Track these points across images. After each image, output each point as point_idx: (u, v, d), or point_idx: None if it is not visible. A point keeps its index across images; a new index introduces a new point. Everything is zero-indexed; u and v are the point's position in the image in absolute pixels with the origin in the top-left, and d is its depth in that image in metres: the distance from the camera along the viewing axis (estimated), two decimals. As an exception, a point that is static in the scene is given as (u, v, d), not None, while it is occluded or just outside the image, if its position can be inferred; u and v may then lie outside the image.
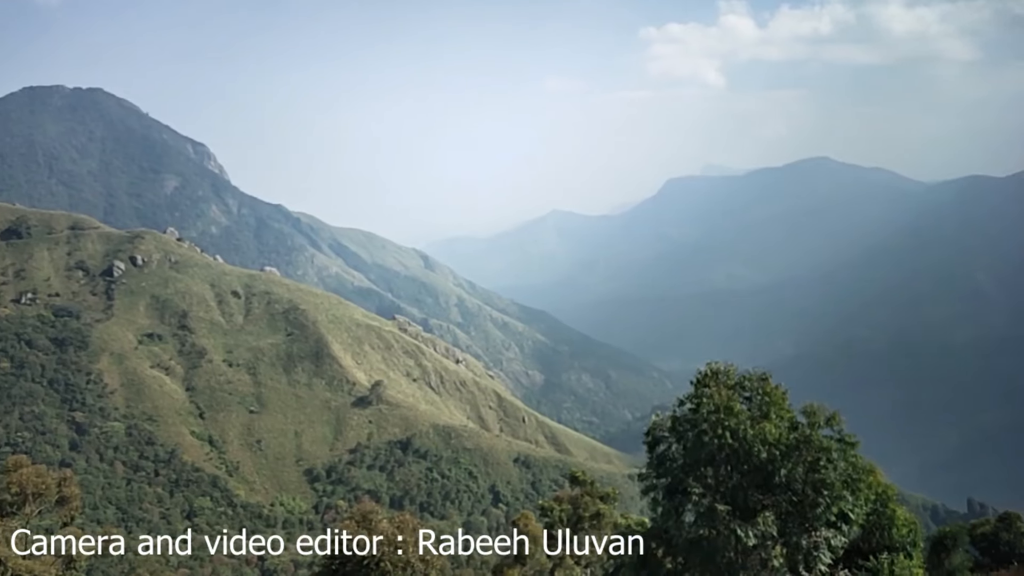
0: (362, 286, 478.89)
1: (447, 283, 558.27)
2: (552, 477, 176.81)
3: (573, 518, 43.72)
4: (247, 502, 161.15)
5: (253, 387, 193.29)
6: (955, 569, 37.72)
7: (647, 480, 21.03)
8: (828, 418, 18.94)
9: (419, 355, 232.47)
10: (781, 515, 18.54)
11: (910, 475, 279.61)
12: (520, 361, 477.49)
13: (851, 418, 20.61)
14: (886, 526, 20.32)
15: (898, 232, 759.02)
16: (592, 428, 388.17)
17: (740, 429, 18.48)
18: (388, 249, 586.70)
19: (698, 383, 20.33)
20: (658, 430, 20.98)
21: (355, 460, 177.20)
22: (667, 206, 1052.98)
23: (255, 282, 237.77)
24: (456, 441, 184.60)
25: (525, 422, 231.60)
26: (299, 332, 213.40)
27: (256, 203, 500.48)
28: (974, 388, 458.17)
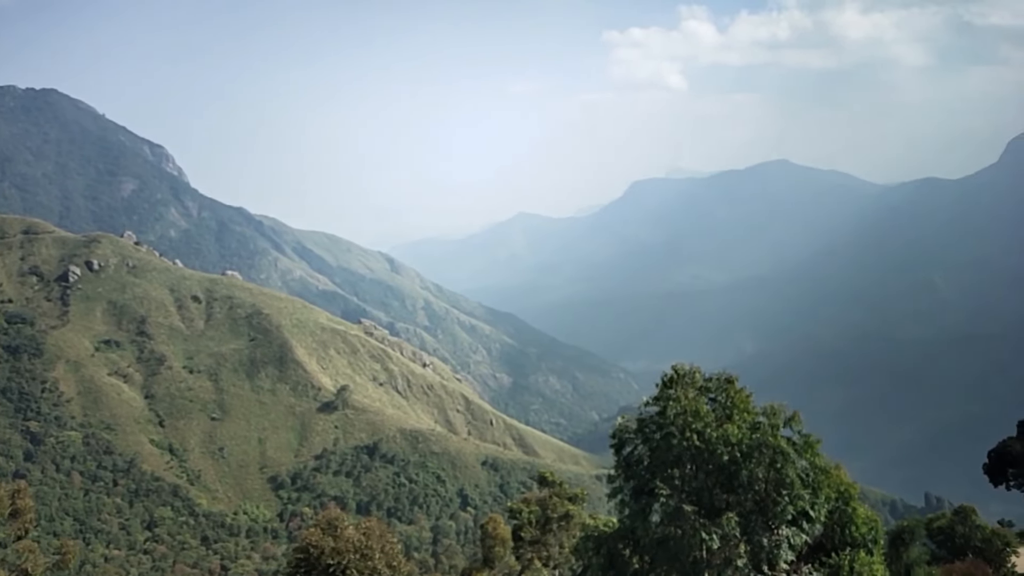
0: (327, 290, 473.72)
1: (414, 286, 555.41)
2: (520, 479, 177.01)
3: (542, 519, 43.77)
4: (209, 511, 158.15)
5: (215, 394, 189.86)
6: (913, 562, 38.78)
7: (615, 482, 21.17)
8: (788, 418, 19.30)
9: (386, 359, 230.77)
10: (744, 514, 18.85)
11: (868, 470, 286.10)
12: (488, 364, 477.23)
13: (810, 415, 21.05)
14: (847, 523, 20.78)
15: (855, 232, 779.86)
16: (560, 430, 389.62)
17: (706, 431, 18.74)
18: (353, 252, 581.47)
19: (664, 385, 20.54)
20: (624, 432, 21.13)
21: (321, 466, 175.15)
22: (632, 208, 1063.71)
23: (216, 286, 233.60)
24: (424, 445, 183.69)
25: (493, 425, 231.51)
26: (262, 337, 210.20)
27: (217, 206, 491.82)
28: (929, 384, 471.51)
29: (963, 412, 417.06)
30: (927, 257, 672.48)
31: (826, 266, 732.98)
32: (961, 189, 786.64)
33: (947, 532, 47.92)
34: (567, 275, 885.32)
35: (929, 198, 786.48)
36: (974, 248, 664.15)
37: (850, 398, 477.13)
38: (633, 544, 20.35)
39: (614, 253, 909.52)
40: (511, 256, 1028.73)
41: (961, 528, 47.17)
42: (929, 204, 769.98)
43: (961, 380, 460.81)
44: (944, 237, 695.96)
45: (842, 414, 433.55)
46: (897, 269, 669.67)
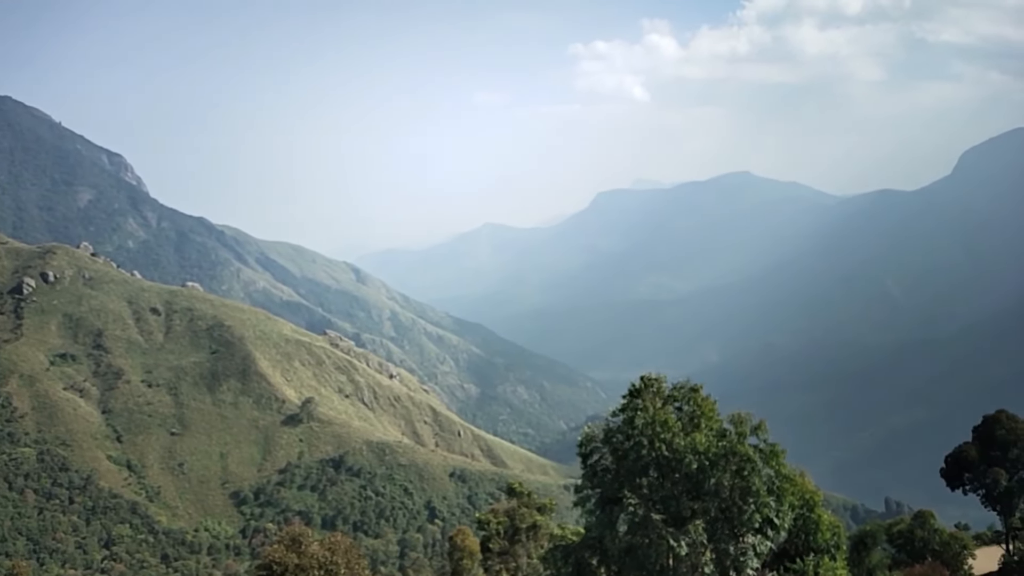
0: (291, 300, 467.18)
1: (380, 296, 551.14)
2: (488, 490, 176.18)
3: (510, 530, 43.65)
4: (169, 528, 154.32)
5: (174, 408, 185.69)
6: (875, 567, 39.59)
7: (582, 491, 21.23)
8: (755, 427, 19.59)
9: (351, 370, 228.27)
10: (711, 522, 19.05)
11: (828, 474, 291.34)
12: (455, 374, 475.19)
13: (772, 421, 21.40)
14: (812, 530, 21.13)
15: (813, 242, 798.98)
16: (528, 440, 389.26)
17: (673, 441, 18.92)
18: (318, 262, 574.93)
19: (631, 395, 20.70)
20: (591, 441, 21.24)
21: (285, 480, 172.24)
22: (597, 218, 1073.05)
23: (176, 298, 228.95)
24: (390, 457, 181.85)
25: (461, 436, 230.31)
26: (224, 349, 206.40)
27: (177, 216, 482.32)
28: (885, 389, 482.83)
29: (917, 416, 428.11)
30: (882, 266, 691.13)
31: (785, 275, 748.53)
32: (915, 200, 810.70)
33: (907, 536, 49.07)
34: (534, 285, 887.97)
35: (884, 209, 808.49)
36: (926, 257, 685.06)
37: (810, 404, 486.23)
38: (600, 553, 20.41)
39: (580, 263, 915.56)
40: (478, 266, 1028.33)
41: (920, 532, 48.35)
42: (884, 215, 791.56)
43: (915, 385, 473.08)
44: (898, 247, 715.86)
45: (802, 419, 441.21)
46: (854, 278, 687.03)
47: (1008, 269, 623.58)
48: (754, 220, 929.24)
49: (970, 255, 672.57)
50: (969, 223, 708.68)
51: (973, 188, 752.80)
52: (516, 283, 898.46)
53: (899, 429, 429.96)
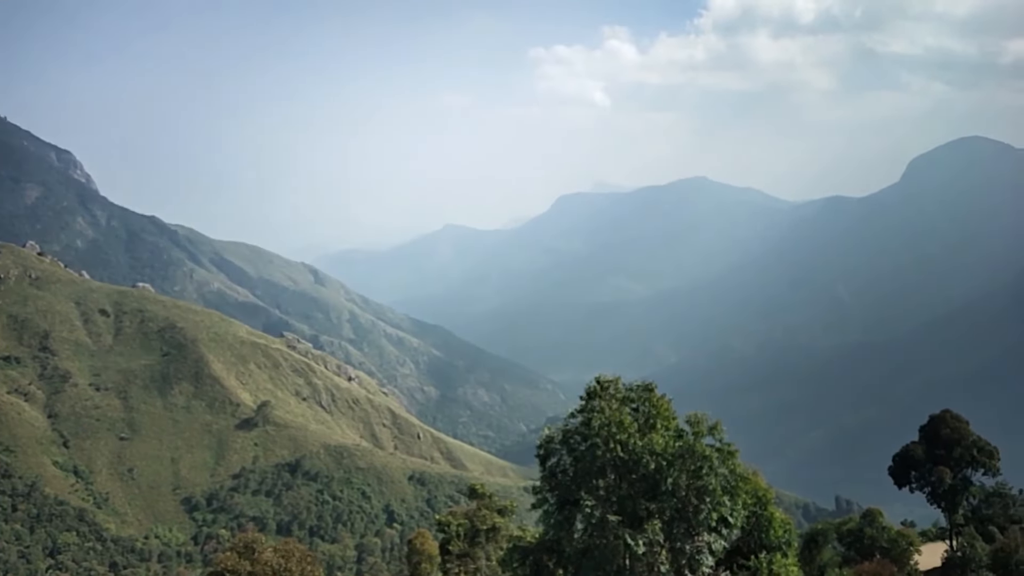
0: (247, 302, 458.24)
1: (339, 298, 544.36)
2: (448, 493, 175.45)
3: (470, 532, 43.46)
4: (118, 535, 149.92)
5: (124, 412, 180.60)
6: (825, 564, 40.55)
7: (540, 493, 21.24)
8: (711, 427, 19.88)
9: (309, 373, 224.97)
10: (667, 521, 19.26)
11: (780, 473, 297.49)
12: (415, 377, 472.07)
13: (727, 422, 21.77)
14: (765, 527, 21.52)
15: (767, 247, 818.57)
16: (488, 442, 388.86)
17: (630, 442, 19.07)
18: (275, 263, 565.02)
19: (588, 396, 20.80)
20: (549, 443, 21.28)
21: (239, 486, 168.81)
22: (558, 221, 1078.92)
23: (126, 299, 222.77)
24: (348, 461, 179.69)
25: (420, 438, 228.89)
26: (176, 352, 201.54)
27: (127, 215, 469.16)
28: (835, 390, 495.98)
29: (866, 416, 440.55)
30: (832, 270, 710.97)
31: (741, 278, 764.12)
32: (864, 207, 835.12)
33: (856, 534, 50.37)
34: (495, 287, 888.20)
35: (835, 215, 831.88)
36: (875, 262, 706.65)
37: (763, 405, 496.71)
38: (558, 554, 20.46)
39: (541, 265, 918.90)
40: (439, 268, 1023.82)
41: (869, 530, 49.66)
42: (835, 220, 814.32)
43: (864, 386, 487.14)
44: (848, 251, 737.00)
45: (756, 420, 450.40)
46: (805, 281, 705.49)
47: (951, 274, 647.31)
48: (711, 224, 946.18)
49: (915, 260, 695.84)
50: (915, 229, 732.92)
51: (920, 195, 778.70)
52: (477, 285, 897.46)
53: (849, 429, 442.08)
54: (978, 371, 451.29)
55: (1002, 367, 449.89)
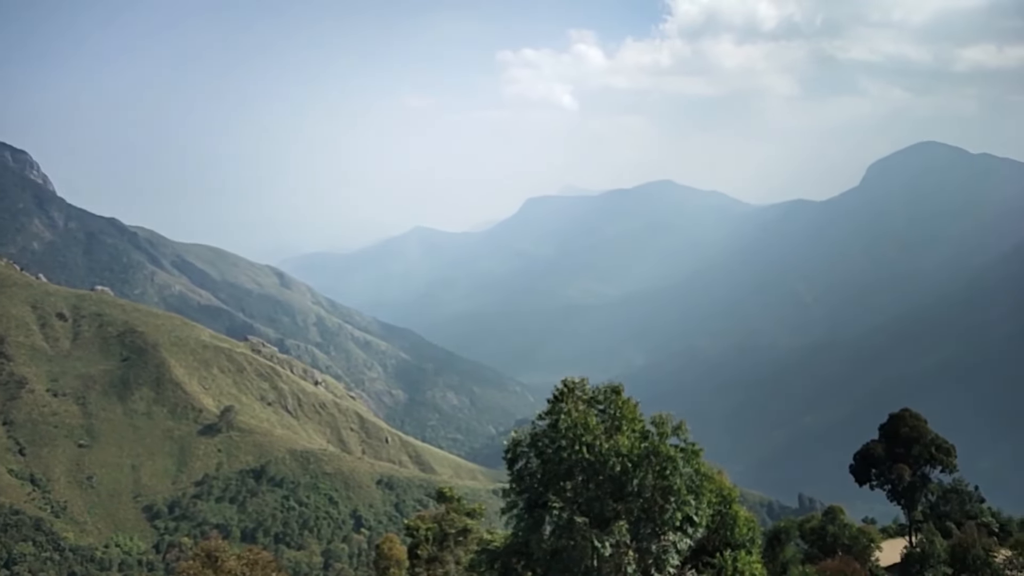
0: (210, 305, 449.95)
1: (305, 301, 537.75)
2: (416, 497, 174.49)
3: (439, 536, 43.23)
4: (77, 545, 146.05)
5: (82, 418, 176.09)
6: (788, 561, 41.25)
7: (508, 496, 21.26)
8: (675, 427, 20.11)
9: (274, 377, 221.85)
10: (633, 522, 19.41)
11: (745, 472, 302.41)
12: (383, 380, 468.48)
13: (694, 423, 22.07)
14: (729, 526, 21.84)
15: (732, 249, 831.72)
16: (457, 445, 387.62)
17: (596, 443, 19.19)
18: (240, 266, 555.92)
19: (555, 399, 20.89)
20: (517, 446, 21.30)
21: (202, 493, 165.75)
22: (527, 224, 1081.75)
23: (85, 303, 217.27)
24: (315, 466, 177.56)
25: (388, 442, 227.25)
26: (136, 356, 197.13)
27: (86, 216, 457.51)
28: (798, 390, 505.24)
29: (828, 415, 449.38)
30: (794, 272, 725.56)
31: (707, 280, 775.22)
32: (826, 210, 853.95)
33: (818, 532, 51.33)
34: (463, 289, 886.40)
35: (797, 218, 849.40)
36: (835, 263, 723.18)
37: (729, 405, 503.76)
38: (527, 557, 20.49)
39: (509, 268, 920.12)
40: (407, 270, 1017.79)
41: (831, 528, 50.66)
42: (797, 223, 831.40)
43: (825, 385, 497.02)
44: (810, 254, 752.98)
45: (722, 420, 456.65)
46: (769, 283, 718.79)
47: (908, 275, 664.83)
48: (677, 227, 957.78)
49: (873, 262, 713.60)
50: (874, 232, 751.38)
51: (878, 199, 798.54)
52: (445, 288, 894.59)
53: (811, 428, 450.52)
54: (934, 370, 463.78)
55: (957, 366, 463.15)
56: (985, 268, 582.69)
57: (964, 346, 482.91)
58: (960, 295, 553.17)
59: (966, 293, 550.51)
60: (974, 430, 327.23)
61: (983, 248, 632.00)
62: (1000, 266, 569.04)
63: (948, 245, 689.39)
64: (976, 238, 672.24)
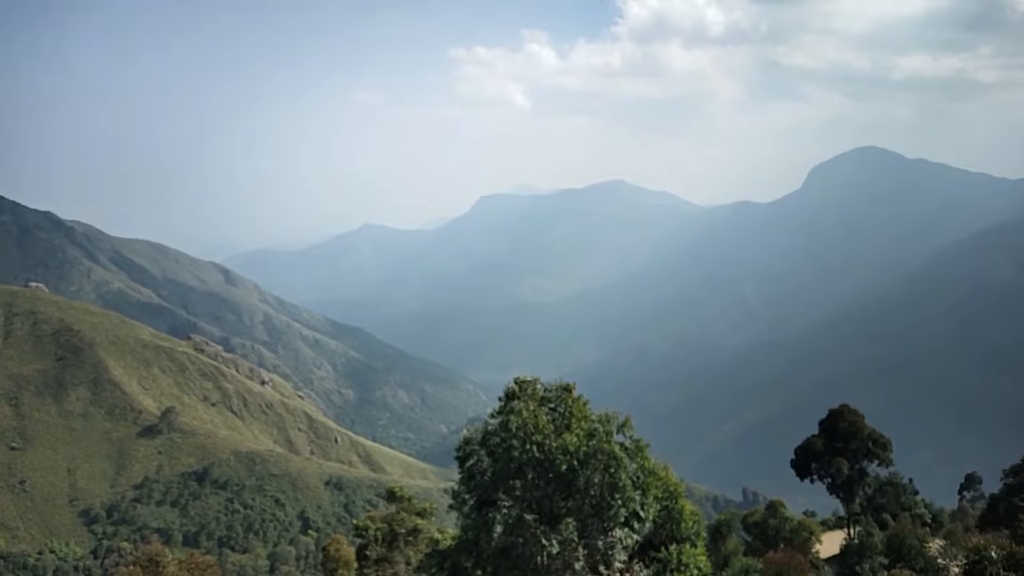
0: (151, 303, 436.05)
1: (251, 299, 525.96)
2: (366, 497, 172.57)
3: (389, 536, 42.83)
4: (8, 551, 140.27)
5: (15, 420, 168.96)
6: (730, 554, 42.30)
7: (459, 495, 21.23)
8: (621, 425, 20.39)
9: (219, 377, 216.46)
10: (582, 519, 19.63)
11: (691, 467, 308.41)
12: (332, 379, 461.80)
13: (643, 419, 22.45)
14: (675, 520, 22.28)
15: (680, 249, 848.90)
16: (408, 444, 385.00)
17: (546, 442, 19.33)
18: (182, 262, 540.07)
19: (507, 397, 20.95)
20: (469, 444, 21.29)
21: (142, 496, 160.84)
22: (479, 222, 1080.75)
23: (17, 300, 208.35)
24: (261, 467, 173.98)
25: (338, 442, 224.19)
26: (72, 356, 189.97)
27: (19, 209, 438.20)
28: (742, 386, 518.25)
29: (771, 411, 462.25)
30: (739, 272, 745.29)
31: (656, 279, 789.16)
32: (769, 212, 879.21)
33: (761, 525, 52.76)
34: (415, 287, 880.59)
35: (743, 219, 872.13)
36: (777, 263, 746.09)
37: (676, 401, 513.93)
38: (476, 555, 20.50)
39: (462, 266, 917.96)
40: (357, 268, 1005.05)
41: (773, 521, 52.12)
42: (743, 225, 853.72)
43: (768, 382, 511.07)
44: (754, 254, 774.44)
45: (670, 416, 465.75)
46: (715, 282, 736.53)
47: (846, 275, 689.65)
48: (627, 227, 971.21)
49: (814, 262, 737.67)
50: (814, 233, 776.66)
51: (819, 201, 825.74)
52: (396, 285, 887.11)
53: (755, 423, 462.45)
54: (871, 366, 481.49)
55: (892, 363, 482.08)
56: (919, 269, 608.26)
57: (899, 343, 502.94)
58: (895, 295, 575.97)
59: (901, 293, 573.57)
60: (907, 424, 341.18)
61: (917, 250, 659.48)
62: (933, 267, 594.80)
63: (884, 246, 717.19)
64: (911, 240, 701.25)
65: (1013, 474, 56.35)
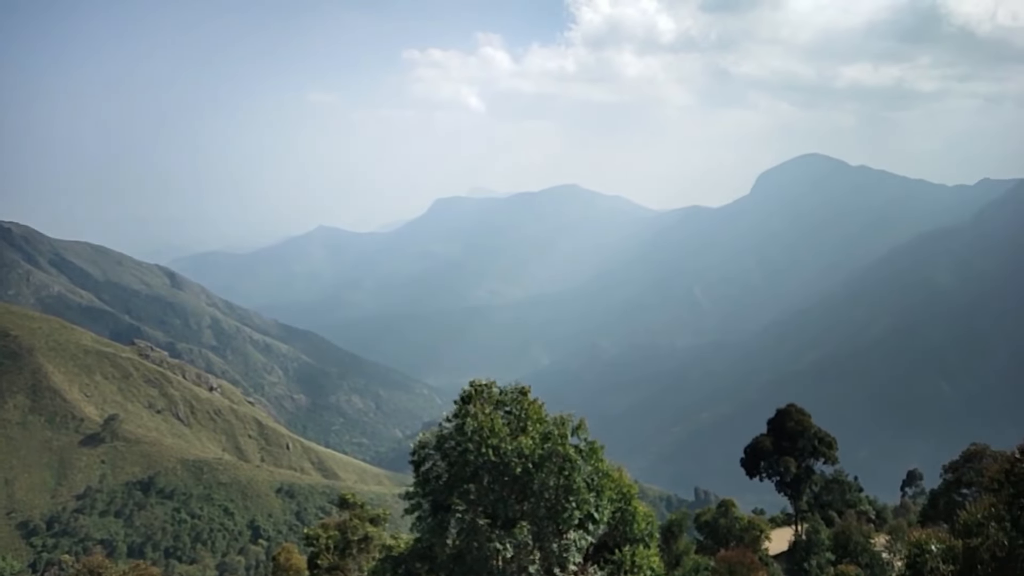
0: (92, 307, 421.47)
1: (199, 303, 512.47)
2: (319, 504, 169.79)
3: (341, 544, 42.10)
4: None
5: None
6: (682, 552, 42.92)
7: (413, 499, 21.00)
8: (576, 427, 20.46)
9: (164, 383, 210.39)
10: (536, 522, 19.61)
11: (645, 468, 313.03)
12: (284, 384, 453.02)
13: (598, 420, 22.64)
14: (628, 522, 22.43)
15: (633, 252, 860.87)
16: (362, 449, 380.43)
17: (501, 445, 19.26)
18: (125, 265, 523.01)
19: (462, 401, 20.81)
20: (424, 448, 21.09)
21: (84, 507, 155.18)
22: (434, 225, 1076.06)
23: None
24: (209, 476, 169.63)
25: (289, 449, 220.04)
26: (10, 362, 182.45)
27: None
28: (694, 387, 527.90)
29: (721, 411, 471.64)
30: (691, 275, 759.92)
31: (610, 282, 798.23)
32: (719, 216, 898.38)
33: (712, 524, 53.63)
34: (369, 290, 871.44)
35: (694, 223, 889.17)
36: (727, 267, 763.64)
37: (630, 403, 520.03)
38: (430, 561, 20.31)
39: (417, 269, 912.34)
40: (310, 271, 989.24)
41: (723, 520, 53.03)
42: (694, 228, 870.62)
43: (719, 383, 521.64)
44: (704, 257, 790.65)
45: (624, 417, 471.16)
46: (667, 285, 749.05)
47: (793, 277, 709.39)
48: (582, 230, 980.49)
49: (761, 265, 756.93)
50: (762, 237, 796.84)
51: (767, 206, 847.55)
52: (351, 288, 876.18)
53: (707, 424, 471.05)
54: (817, 366, 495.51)
55: (837, 362, 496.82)
56: (862, 271, 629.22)
57: (844, 344, 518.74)
58: (839, 296, 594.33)
59: (846, 295, 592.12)
60: (852, 423, 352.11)
61: (861, 253, 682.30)
62: (875, 269, 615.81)
63: (830, 250, 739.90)
64: (854, 244, 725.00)
65: (952, 470, 58.50)
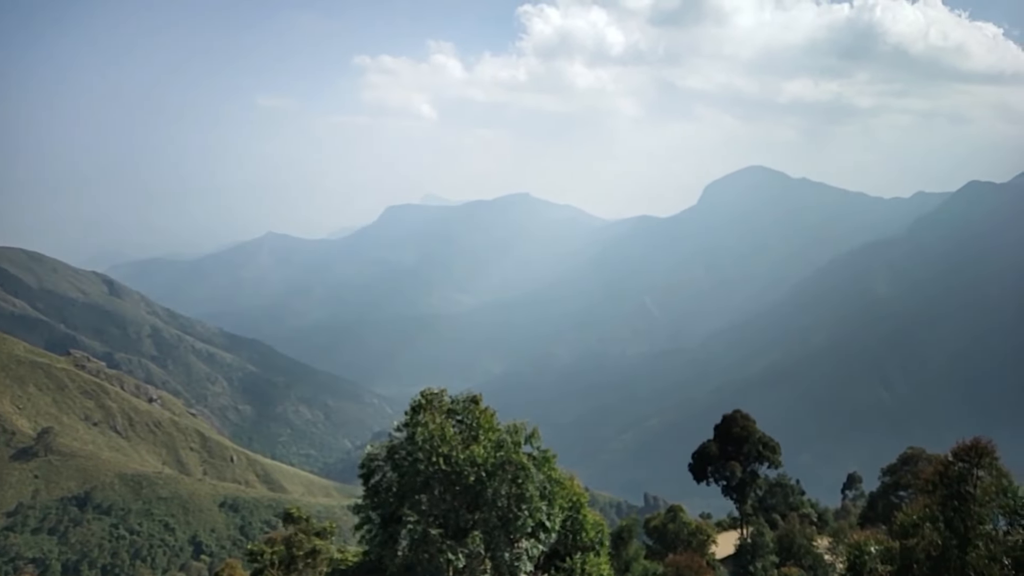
0: (26, 316, 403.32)
1: (138, 311, 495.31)
2: (264, 518, 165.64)
3: (286, 559, 41.08)
4: None
5: None
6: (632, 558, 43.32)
7: (363, 511, 20.68)
8: (529, 435, 20.48)
9: (101, 395, 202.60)
10: (489, 531, 19.51)
11: (596, 475, 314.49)
12: (228, 395, 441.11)
13: (551, 428, 22.67)
14: (579, 529, 22.55)
15: (585, 261, 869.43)
16: (310, 461, 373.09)
17: (453, 454, 19.13)
18: (61, 272, 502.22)
19: (413, 410, 20.62)
20: (373, 460, 20.79)
21: (15, 524, 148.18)
22: (386, 232, 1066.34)
23: None
24: (148, 490, 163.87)
25: (234, 461, 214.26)
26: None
27: None
28: (643, 395, 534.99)
29: (670, 418, 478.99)
30: (641, 283, 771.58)
31: (560, 291, 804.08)
32: (667, 226, 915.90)
33: (661, 529, 54.30)
34: (318, 298, 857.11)
35: (644, 233, 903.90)
36: (676, 275, 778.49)
37: (582, 410, 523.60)
38: (380, 574, 20.01)
39: (368, 276, 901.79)
40: (257, 278, 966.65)
41: (672, 525, 53.75)
42: (643, 238, 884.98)
43: (668, 389, 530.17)
44: (654, 266, 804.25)
45: (575, 425, 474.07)
46: (618, 294, 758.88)
47: (740, 286, 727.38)
48: (533, 239, 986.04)
49: (709, 274, 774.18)
50: (710, 246, 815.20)
51: (713, 216, 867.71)
52: (300, 296, 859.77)
53: (656, 430, 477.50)
54: (762, 372, 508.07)
55: (781, 369, 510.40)
56: (804, 280, 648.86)
57: (787, 350, 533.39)
58: (785, 305, 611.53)
59: (790, 304, 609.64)
60: (795, 427, 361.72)
61: (803, 264, 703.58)
62: (817, 278, 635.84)
63: (775, 260, 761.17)
64: (798, 254, 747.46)
65: (890, 473, 60.68)
